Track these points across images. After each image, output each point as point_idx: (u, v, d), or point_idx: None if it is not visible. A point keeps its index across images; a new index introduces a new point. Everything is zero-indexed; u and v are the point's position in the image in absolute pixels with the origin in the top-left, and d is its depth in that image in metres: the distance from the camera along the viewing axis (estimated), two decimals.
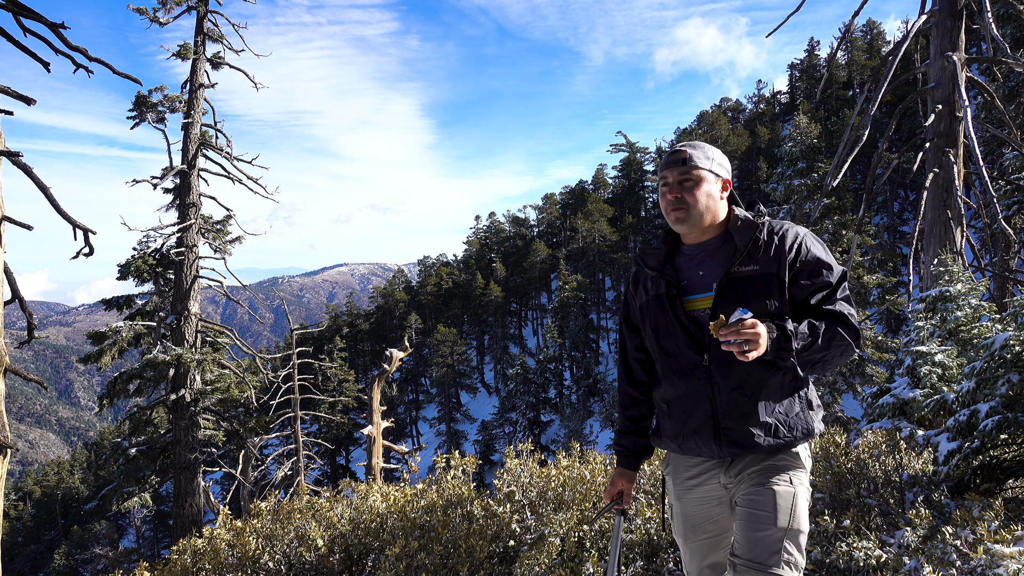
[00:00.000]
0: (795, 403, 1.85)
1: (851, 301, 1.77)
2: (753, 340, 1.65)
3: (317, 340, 45.82)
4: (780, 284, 1.77)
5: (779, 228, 1.84)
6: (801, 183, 18.27)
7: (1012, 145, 9.45)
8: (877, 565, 2.71)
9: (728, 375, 1.84)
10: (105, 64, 6.09)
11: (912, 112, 23.90)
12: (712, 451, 1.90)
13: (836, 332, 1.70)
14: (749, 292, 1.78)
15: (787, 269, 1.78)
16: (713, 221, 1.90)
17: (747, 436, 1.84)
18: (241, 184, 13.28)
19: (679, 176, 1.86)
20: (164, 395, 12.01)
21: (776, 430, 1.84)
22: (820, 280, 1.76)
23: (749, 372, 1.80)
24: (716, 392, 1.86)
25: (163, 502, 35.77)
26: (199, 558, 3.85)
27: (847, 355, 1.75)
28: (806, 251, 1.78)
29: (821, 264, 1.77)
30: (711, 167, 1.87)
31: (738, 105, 72.67)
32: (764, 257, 1.80)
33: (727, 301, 1.79)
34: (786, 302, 1.79)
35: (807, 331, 1.69)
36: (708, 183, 1.86)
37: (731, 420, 1.85)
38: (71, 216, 5.65)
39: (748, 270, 1.80)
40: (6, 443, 4.82)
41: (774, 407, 1.83)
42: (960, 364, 6.01)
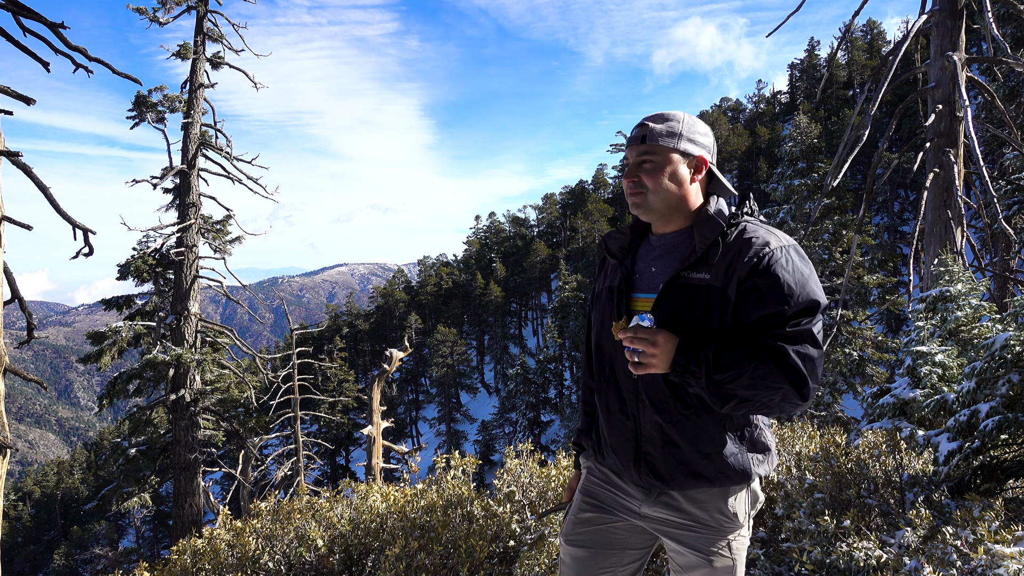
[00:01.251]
0: (733, 441, 1.58)
1: (814, 340, 1.42)
2: (648, 352, 1.46)
3: (317, 340, 45.82)
4: (725, 302, 1.48)
5: (751, 235, 1.51)
6: (801, 183, 18.27)
7: (1012, 145, 9.45)
8: (877, 565, 2.71)
9: (654, 394, 1.59)
10: (105, 64, 6.09)
11: (912, 112, 23.91)
12: (631, 475, 1.67)
13: (768, 371, 1.38)
14: (694, 303, 1.50)
15: (736, 286, 1.47)
16: (679, 209, 1.60)
17: (669, 468, 1.59)
18: (241, 184, 13.27)
19: (637, 156, 1.58)
20: (164, 395, 12.00)
21: (702, 468, 1.58)
22: (770, 308, 1.43)
23: (678, 396, 1.55)
24: (641, 411, 1.62)
25: (163, 502, 35.77)
26: (199, 558, 3.85)
27: (788, 401, 1.42)
28: (764, 270, 1.44)
29: (776, 289, 1.43)
30: (677, 144, 1.55)
31: (738, 105, 72.73)
32: (719, 265, 1.50)
33: (668, 308, 1.53)
34: (737, 324, 1.50)
35: (731, 361, 1.41)
36: (673, 164, 1.55)
37: (653, 446, 1.61)
38: (71, 216, 5.65)
39: (699, 277, 1.52)
40: (6, 443, 4.81)
41: (704, 441, 1.56)
42: (960, 364, 6.01)
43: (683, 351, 1.46)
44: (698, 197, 1.61)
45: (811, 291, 1.44)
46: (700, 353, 1.43)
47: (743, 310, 1.47)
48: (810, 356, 1.40)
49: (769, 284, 1.44)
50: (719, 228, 1.53)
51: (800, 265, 1.47)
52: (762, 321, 1.44)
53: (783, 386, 1.39)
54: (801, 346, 1.40)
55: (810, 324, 1.42)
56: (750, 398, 1.42)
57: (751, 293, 1.46)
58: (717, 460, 1.57)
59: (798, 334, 1.41)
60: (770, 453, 1.65)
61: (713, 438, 1.56)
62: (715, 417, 1.55)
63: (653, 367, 1.48)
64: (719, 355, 1.42)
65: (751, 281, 1.46)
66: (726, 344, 1.45)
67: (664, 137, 1.56)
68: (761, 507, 1.84)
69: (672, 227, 1.63)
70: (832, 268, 19.66)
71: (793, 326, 1.41)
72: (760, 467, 1.62)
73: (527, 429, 37.95)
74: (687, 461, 1.57)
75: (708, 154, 1.60)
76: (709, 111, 66.55)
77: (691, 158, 1.57)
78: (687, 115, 1.60)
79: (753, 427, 1.61)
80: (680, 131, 1.56)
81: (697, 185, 1.60)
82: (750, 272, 1.46)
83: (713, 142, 1.63)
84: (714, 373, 1.41)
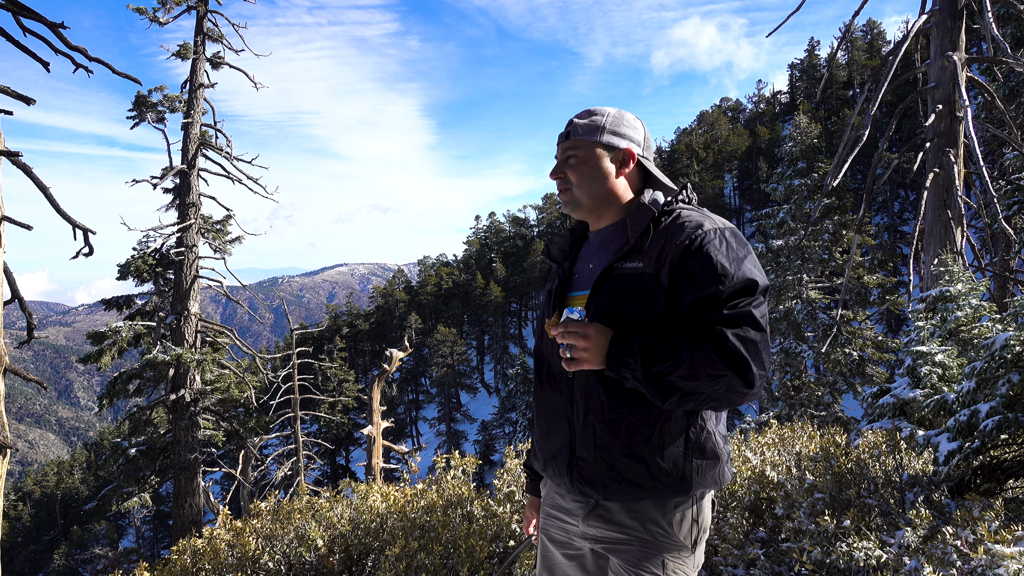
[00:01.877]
0: (675, 445, 1.44)
1: (756, 322, 1.33)
2: (579, 346, 1.39)
3: (317, 340, 45.81)
4: (659, 288, 1.41)
5: (684, 219, 1.46)
6: (801, 183, 18.27)
7: (1012, 145, 9.45)
8: (877, 565, 2.71)
9: (588, 393, 1.50)
10: (105, 64, 6.09)
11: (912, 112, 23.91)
12: (566, 483, 1.57)
13: (708, 357, 1.29)
14: (626, 294, 1.44)
15: (668, 270, 1.41)
16: (608, 203, 1.56)
17: (602, 474, 1.48)
18: (241, 184, 13.27)
19: (563, 153, 1.56)
20: (164, 395, 12.00)
21: (636, 474, 1.45)
22: (704, 290, 1.35)
23: (612, 394, 1.46)
24: (575, 412, 1.53)
25: (163, 502, 35.77)
26: (199, 558, 3.85)
27: (733, 391, 1.32)
28: (696, 252, 1.38)
29: (710, 270, 1.36)
30: (600, 138, 1.53)
31: (738, 105, 72.75)
32: (651, 252, 1.45)
33: (602, 300, 1.48)
34: (674, 312, 1.42)
35: (668, 350, 1.32)
36: (597, 158, 1.53)
37: (586, 450, 1.50)
38: (71, 216, 5.65)
39: (631, 267, 1.46)
40: (6, 443, 4.81)
41: (639, 444, 1.44)
42: (960, 364, 6.01)
43: (617, 343, 1.38)
44: (628, 190, 1.57)
45: (747, 271, 1.37)
46: (635, 343, 1.35)
47: (678, 295, 1.40)
48: (751, 339, 1.31)
49: (702, 265, 1.37)
50: (650, 215, 1.49)
51: (736, 246, 1.40)
52: (698, 305, 1.36)
53: (725, 373, 1.30)
54: (741, 329, 1.31)
55: (749, 305, 1.33)
56: (693, 390, 1.32)
57: (684, 276, 1.38)
58: (653, 466, 1.44)
59: (737, 316, 1.32)
60: (720, 462, 1.50)
61: (649, 440, 1.44)
62: (652, 417, 1.43)
63: (586, 362, 1.40)
64: (656, 344, 1.34)
65: (684, 263, 1.39)
66: (663, 333, 1.37)
67: (587, 131, 1.54)
68: (709, 533, 1.62)
69: (605, 222, 1.59)
70: (832, 268, 19.66)
71: (731, 308, 1.33)
72: (707, 477, 1.47)
73: (527, 429, 37.95)
74: (620, 466, 1.46)
75: (636, 147, 1.56)
76: (709, 111, 66.53)
77: (616, 151, 1.54)
78: (616, 110, 1.57)
79: (699, 430, 1.47)
80: (603, 124, 1.54)
81: (625, 179, 1.56)
82: (682, 254, 1.39)
83: (644, 135, 1.59)
84: (651, 364, 1.33)
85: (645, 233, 1.48)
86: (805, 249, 17.98)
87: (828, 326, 16.88)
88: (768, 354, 1.35)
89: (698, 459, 1.46)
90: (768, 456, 4.49)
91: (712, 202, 49.67)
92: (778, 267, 18.23)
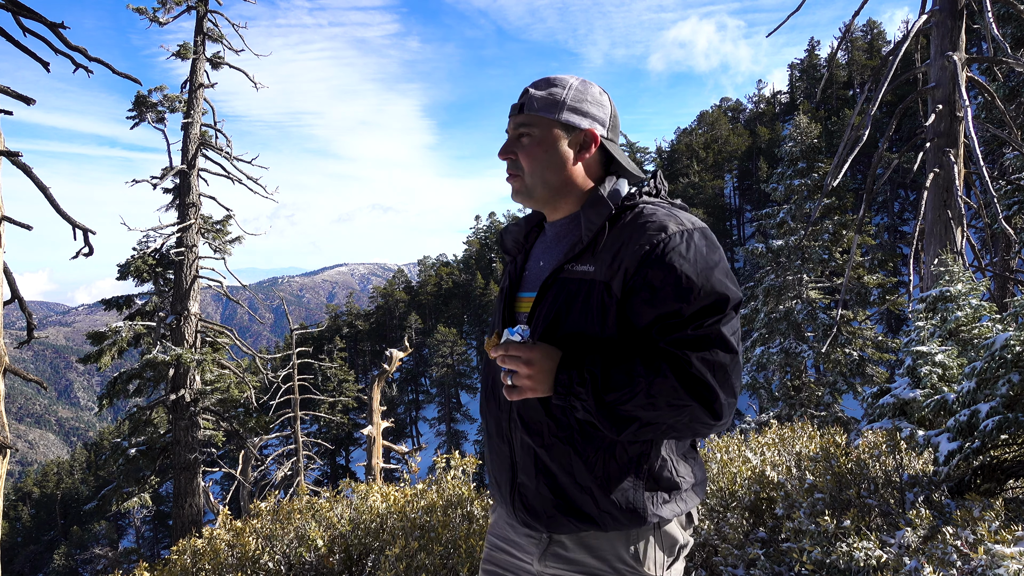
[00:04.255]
0: (624, 474, 1.26)
1: (725, 344, 1.15)
2: (521, 373, 1.20)
3: (317, 340, 45.81)
4: (609, 300, 1.21)
5: (647, 219, 1.25)
6: (801, 183, 18.27)
7: (1012, 145, 9.45)
8: (877, 565, 2.71)
9: (527, 414, 1.31)
10: (105, 64, 6.10)
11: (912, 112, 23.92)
12: (511, 512, 1.39)
13: (669, 385, 1.13)
14: (573, 303, 1.25)
15: (622, 280, 1.21)
16: (565, 193, 1.33)
17: (544, 504, 1.30)
18: (241, 184, 13.27)
19: (515, 129, 1.33)
20: (164, 395, 12.00)
21: (583, 504, 1.26)
22: (666, 306, 1.16)
23: (552, 415, 1.27)
24: (514, 432, 1.34)
25: (163, 502, 35.77)
26: (199, 558, 3.85)
27: (698, 421, 1.15)
28: (657, 260, 1.18)
29: (673, 283, 1.16)
30: (559, 115, 1.29)
31: (738, 105, 72.77)
32: (603, 255, 1.24)
33: (547, 308, 1.28)
34: (629, 328, 1.23)
35: (623, 376, 1.15)
36: (554, 139, 1.30)
37: (527, 476, 1.32)
38: (71, 216, 5.65)
39: (582, 270, 1.26)
40: (6, 443, 4.81)
41: (582, 471, 1.25)
42: (960, 364, 6.01)
43: (566, 368, 1.19)
44: (587, 179, 1.34)
45: (717, 283, 1.17)
46: (585, 369, 1.17)
47: (635, 310, 1.20)
48: (719, 363, 1.14)
49: (663, 276, 1.17)
50: (607, 211, 1.27)
51: (705, 252, 1.20)
52: (659, 322, 1.18)
53: (688, 403, 1.13)
54: (708, 351, 1.14)
55: (718, 324, 1.15)
56: (653, 420, 1.15)
57: (643, 289, 1.18)
58: (600, 496, 1.25)
59: (703, 337, 1.14)
60: (679, 492, 1.31)
61: (594, 468, 1.25)
62: (598, 443, 1.25)
63: (530, 390, 1.21)
64: (609, 370, 1.16)
65: (642, 274, 1.19)
66: (618, 356, 1.19)
67: (544, 106, 1.30)
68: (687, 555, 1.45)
69: (561, 213, 1.37)
70: (832, 268, 19.66)
71: (697, 327, 1.15)
72: (664, 508, 1.29)
73: None
74: (564, 495, 1.28)
75: (601, 127, 1.32)
76: (709, 111, 66.52)
77: (577, 132, 1.31)
78: (580, 80, 1.33)
79: (654, 457, 1.27)
80: (564, 99, 1.30)
81: (584, 165, 1.33)
82: (640, 263, 1.19)
83: (611, 113, 1.35)
84: (604, 392, 1.15)
85: (601, 231, 1.27)
86: (805, 249, 17.98)
87: (828, 326, 16.88)
88: (739, 377, 1.18)
89: (651, 490, 1.27)
90: (768, 456, 4.49)
91: (712, 202, 49.69)
92: (778, 267, 18.23)
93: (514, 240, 1.48)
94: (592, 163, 1.35)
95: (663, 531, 1.33)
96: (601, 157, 1.36)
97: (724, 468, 4.10)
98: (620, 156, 1.36)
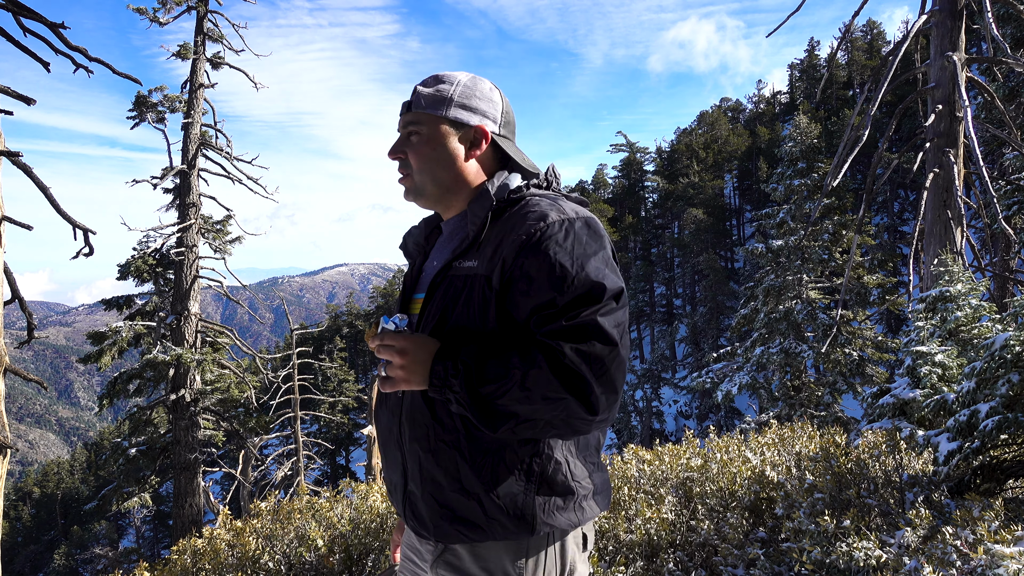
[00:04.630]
0: (513, 478, 1.20)
1: (603, 335, 1.10)
2: (395, 363, 1.17)
3: (317, 340, 45.82)
4: (489, 293, 1.19)
5: (530, 209, 1.22)
6: (801, 183, 18.28)
7: (1012, 145, 9.45)
8: (877, 565, 2.71)
9: (413, 417, 1.27)
10: (105, 64, 6.10)
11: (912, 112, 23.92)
12: (403, 519, 1.36)
13: (544, 377, 1.07)
14: (457, 299, 1.22)
15: (500, 272, 1.18)
16: (456, 191, 1.32)
17: (431, 511, 1.25)
18: (241, 184, 13.28)
19: (404, 128, 1.31)
20: (164, 395, 12.01)
21: (469, 512, 1.21)
22: (541, 296, 1.13)
23: (438, 418, 1.23)
24: (404, 437, 1.29)
25: (163, 502, 35.78)
26: (199, 558, 3.85)
27: (575, 416, 1.10)
28: (533, 248, 1.15)
29: (547, 271, 1.13)
30: (447, 112, 1.28)
31: (738, 105, 72.78)
32: (486, 248, 1.23)
33: (436, 307, 1.26)
34: (511, 323, 1.19)
35: (499, 368, 1.10)
36: (442, 137, 1.28)
37: (415, 483, 1.28)
38: (71, 216, 5.65)
39: (468, 267, 1.24)
40: (6, 443, 4.82)
41: (469, 476, 1.20)
42: (960, 364, 6.01)
43: (441, 359, 1.15)
44: (480, 175, 1.33)
45: (593, 271, 1.14)
46: (459, 360, 1.13)
47: (513, 301, 1.17)
48: (595, 355, 1.09)
49: (539, 265, 1.14)
50: (489, 204, 1.26)
51: (584, 241, 1.17)
52: (536, 314, 1.14)
53: (564, 396, 1.08)
54: (584, 343, 1.09)
55: (595, 314, 1.11)
56: (530, 416, 1.10)
57: (520, 279, 1.15)
58: (487, 502, 1.20)
59: (578, 327, 1.10)
60: (574, 498, 1.24)
61: (480, 472, 1.20)
62: (484, 445, 1.20)
63: (403, 381, 1.18)
64: (484, 361, 1.12)
65: (519, 263, 1.16)
66: (496, 348, 1.15)
67: (431, 104, 1.28)
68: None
69: (454, 211, 1.35)
70: (832, 268, 19.66)
71: (571, 318, 1.10)
72: (558, 516, 1.22)
73: None
74: (451, 502, 1.23)
75: (491, 123, 1.32)
76: (709, 111, 66.54)
77: (466, 129, 1.30)
78: (470, 77, 1.32)
79: (545, 460, 1.22)
80: (451, 95, 1.29)
81: (477, 162, 1.32)
82: (517, 252, 1.16)
83: (502, 110, 1.34)
84: (479, 385, 1.10)
85: (484, 225, 1.25)
86: (805, 249, 17.98)
87: (828, 326, 16.88)
88: (621, 372, 1.12)
89: (544, 495, 1.21)
90: (768, 456, 4.49)
91: (712, 202, 49.66)
92: (778, 267, 18.24)
93: (415, 243, 1.46)
94: (485, 160, 1.34)
95: (556, 547, 1.27)
96: (495, 154, 1.35)
97: (724, 468, 4.10)
98: (514, 152, 1.34)
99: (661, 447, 5.21)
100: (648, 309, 48.87)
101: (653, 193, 60.02)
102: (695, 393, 33.75)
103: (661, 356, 35.05)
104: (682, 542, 3.53)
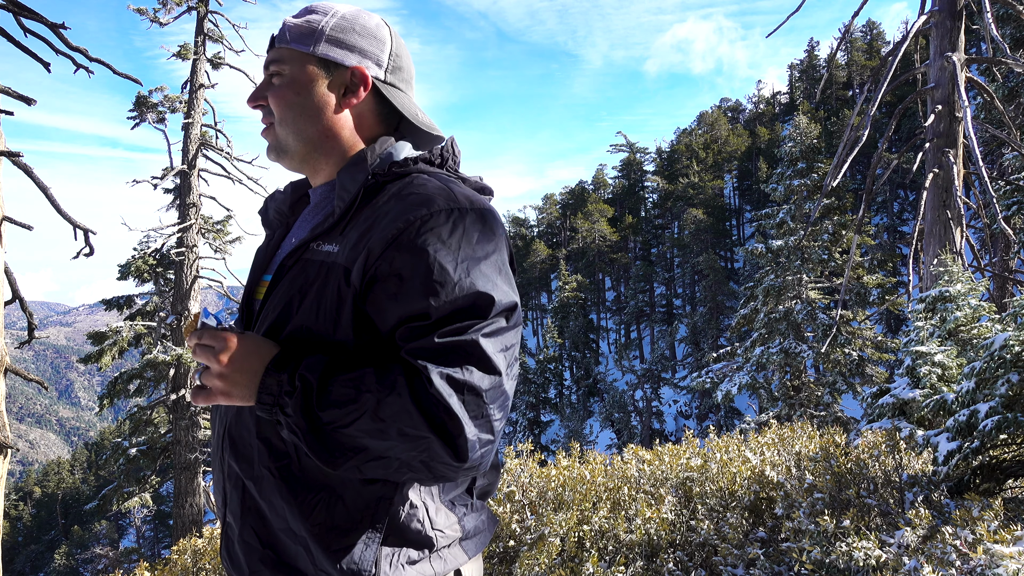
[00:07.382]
0: (357, 524, 0.93)
1: (484, 360, 0.86)
2: (213, 370, 0.89)
3: None
4: (346, 290, 0.92)
5: (413, 190, 0.95)
6: (801, 183, 18.28)
7: (1012, 145, 9.46)
8: (877, 565, 2.72)
9: (237, 430, 1.00)
10: (105, 64, 6.10)
11: (912, 112, 23.93)
12: (220, 555, 1.10)
13: (402, 408, 0.82)
14: (309, 290, 0.95)
15: (363, 266, 0.91)
16: (326, 150, 1.04)
17: (249, 553, 0.98)
18: (241, 184, 13.29)
19: (265, 69, 1.04)
20: (164, 395, 12.02)
21: (296, 558, 0.95)
22: (411, 303, 0.87)
23: (264, 437, 0.97)
24: (225, 457, 1.02)
25: (163, 502, 35.79)
26: (199, 558, 3.86)
27: (438, 461, 0.84)
28: (408, 243, 0.89)
29: (423, 272, 0.87)
30: (316, 49, 1.00)
31: (738, 105, 72.81)
32: (351, 233, 0.95)
33: (280, 296, 0.98)
34: (371, 332, 0.93)
35: (348, 389, 0.84)
36: (308, 81, 1.00)
37: (233, 516, 1.01)
38: (71, 216, 5.66)
39: (326, 251, 0.97)
40: (7, 443, 4.82)
41: (299, 517, 0.94)
42: (960, 364, 6.02)
43: (276, 370, 0.88)
44: (355, 136, 1.04)
45: (480, 278, 0.89)
46: (298, 374, 0.87)
47: (378, 306, 0.90)
48: (471, 386, 0.84)
49: (412, 263, 0.88)
50: (363, 176, 0.98)
51: (475, 239, 0.91)
52: (404, 325, 0.89)
53: (425, 435, 0.82)
54: (458, 368, 0.84)
55: (476, 332, 0.86)
56: (382, 453, 0.84)
57: (387, 278, 0.89)
58: (316, 551, 0.93)
59: (453, 347, 0.85)
60: (434, 547, 0.98)
61: (313, 512, 0.93)
62: (322, 477, 0.93)
63: (221, 394, 0.90)
64: (329, 378, 0.86)
65: (388, 257, 0.89)
66: (349, 363, 0.90)
67: (297, 37, 1.00)
68: None
69: (323, 177, 1.07)
70: (832, 268, 19.67)
71: (446, 334, 0.85)
72: (407, 571, 0.95)
73: (527, 429, 37.98)
74: (275, 544, 0.96)
75: (376, 66, 1.03)
76: (709, 111, 66.55)
77: (341, 70, 1.01)
78: (352, 7, 1.05)
79: (399, 500, 0.95)
80: (322, 27, 1.00)
81: (352, 115, 1.03)
82: (388, 243, 0.89)
83: (391, 51, 1.05)
84: (320, 408, 0.84)
85: (355, 202, 0.98)
86: (805, 249, 17.99)
87: (828, 326, 16.89)
88: (503, 409, 0.89)
89: (392, 546, 0.94)
90: (768, 456, 4.50)
91: (712, 202, 49.68)
92: (778, 267, 18.24)
93: (276, 210, 1.16)
94: (366, 114, 1.05)
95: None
96: (381, 109, 1.06)
97: (724, 468, 4.11)
98: (405, 106, 1.06)
99: (661, 447, 5.22)
100: (648, 309, 48.90)
101: (653, 193, 60.04)
102: (695, 393, 33.80)
103: (661, 356, 35.08)
104: (682, 542, 3.54)
